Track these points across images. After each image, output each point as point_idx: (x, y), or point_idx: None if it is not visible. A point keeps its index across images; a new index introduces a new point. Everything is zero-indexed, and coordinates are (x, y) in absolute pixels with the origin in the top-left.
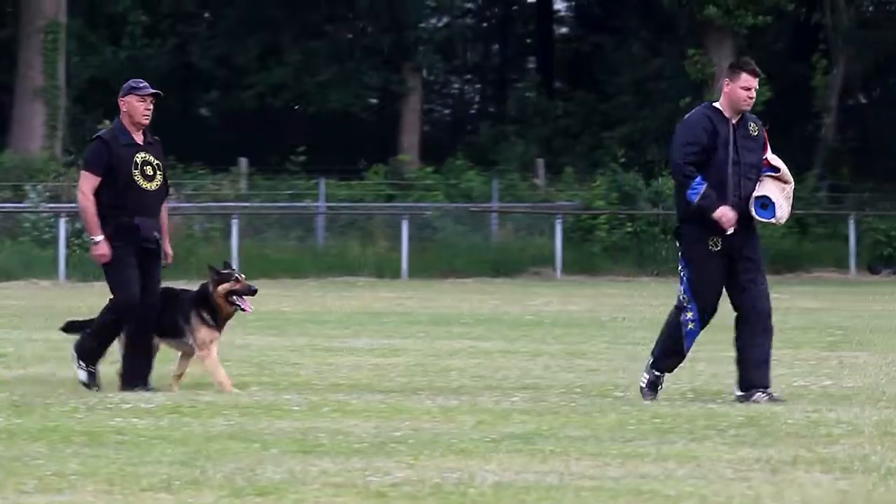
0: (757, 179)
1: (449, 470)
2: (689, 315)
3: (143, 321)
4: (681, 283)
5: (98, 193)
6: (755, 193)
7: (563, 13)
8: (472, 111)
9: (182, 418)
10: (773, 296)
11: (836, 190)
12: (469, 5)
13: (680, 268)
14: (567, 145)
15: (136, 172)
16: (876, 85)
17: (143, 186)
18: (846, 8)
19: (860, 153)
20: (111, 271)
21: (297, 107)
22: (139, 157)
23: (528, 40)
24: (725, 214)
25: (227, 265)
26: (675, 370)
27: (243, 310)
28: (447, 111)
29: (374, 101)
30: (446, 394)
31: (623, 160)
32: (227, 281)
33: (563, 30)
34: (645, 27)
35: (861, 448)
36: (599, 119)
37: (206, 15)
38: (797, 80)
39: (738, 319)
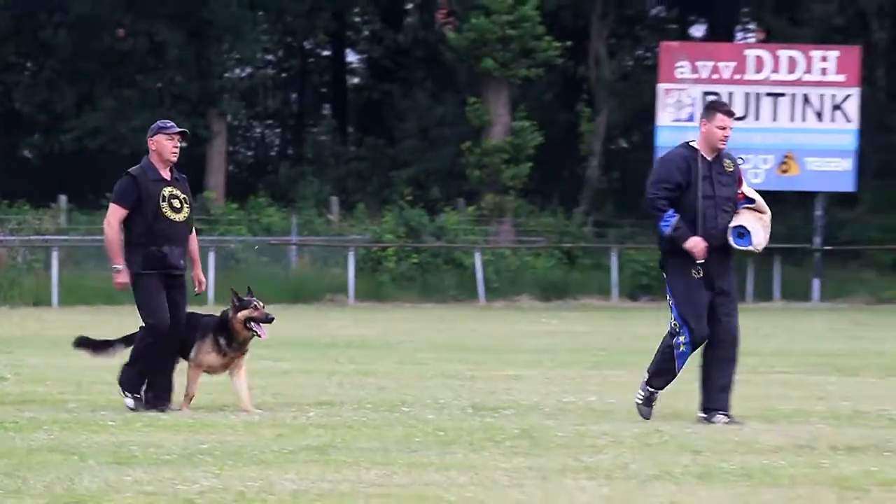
0: (733, 212)
1: (251, 479)
2: (682, 339)
3: (165, 347)
4: (671, 311)
5: (130, 224)
6: (732, 224)
7: (355, 65)
8: (273, 153)
9: (6, 433)
10: (553, 322)
11: (601, 225)
12: (269, 57)
13: (668, 297)
14: (359, 184)
15: (165, 205)
16: (635, 131)
17: (171, 218)
18: (608, 62)
19: (622, 192)
20: (142, 298)
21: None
22: (167, 191)
23: (324, 89)
24: (697, 245)
25: (249, 292)
26: (667, 387)
27: (259, 336)
28: (250, 153)
29: (183, 144)
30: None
31: (409, 198)
32: (247, 308)
33: (356, 80)
34: (429, 78)
35: (622, 457)
36: (388, 161)
37: (29, 65)
38: (566, 126)
39: (707, 346)
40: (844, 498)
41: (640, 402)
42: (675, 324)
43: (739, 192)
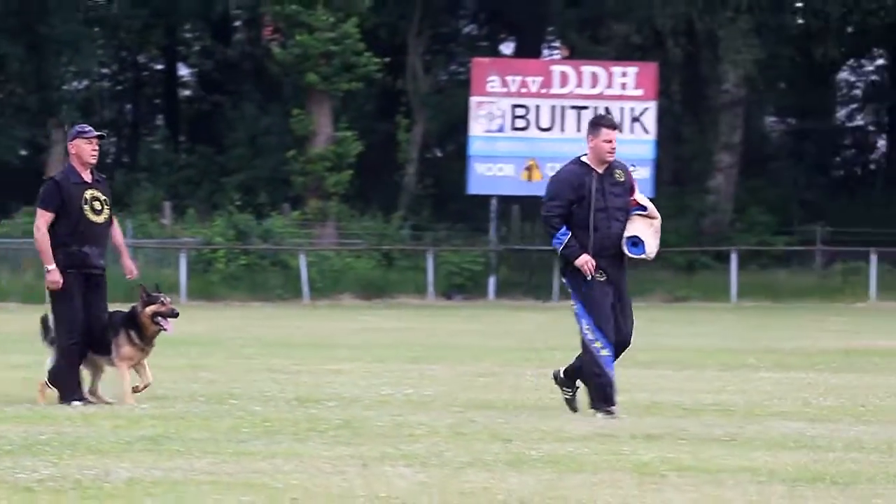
0: (626, 220)
1: (88, 468)
2: (598, 344)
3: (77, 342)
4: (579, 321)
5: (54, 226)
6: (626, 234)
7: (186, 78)
8: (109, 161)
9: None
10: (364, 318)
11: (418, 229)
12: (105, 70)
13: (574, 305)
14: (190, 190)
15: (87, 207)
16: (449, 141)
17: (92, 219)
18: (424, 77)
19: (437, 198)
20: (59, 300)
21: None
22: (88, 193)
23: (157, 101)
24: (587, 263)
25: (157, 288)
26: (613, 396)
27: (165, 330)
28: None
29: (24, 151)
30: (86, 402)
31: (238, 203)
32: (154, 303)
33: (187, 92)
34: (257, 90)
35: (438, 446)
36: (218, 168)
37: None
38: (384, 136)
39: None
40: (643, 483)
41: (603, 416)
42: (587, 329)
43: (632, 199)
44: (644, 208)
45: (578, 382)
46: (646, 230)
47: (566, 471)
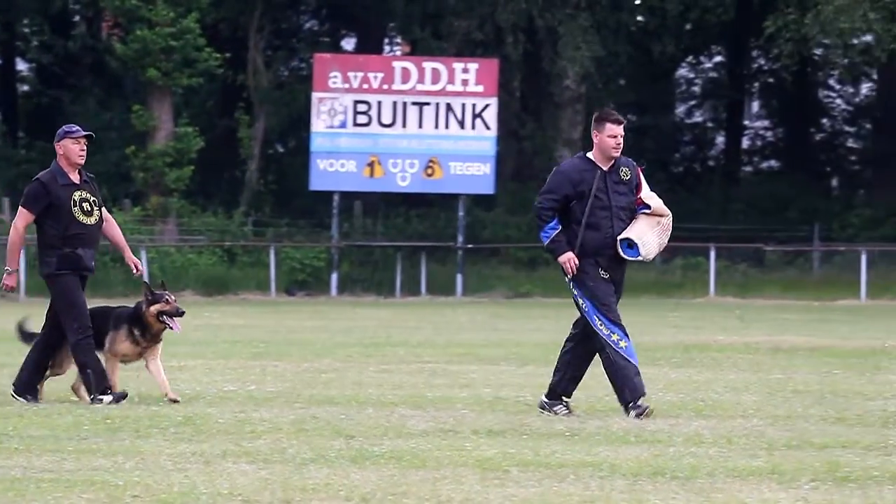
0: (629, 220)
1: None
2: (615, 337)
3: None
4: (590, 318)
5: (44, 228)
6: (621, 236)
7: (25, 73)
8: None
9: None
10: (206, 314)
11: (260, 225)
12: None
13: (581, 304)
14: None
15: (76, 209)
16: (291, 137)
17: (83, 221)
18: (265, 72)
19: (278, 194)
20: (62, 295)
21: None
22: (77, 195)
23: None
24: (570, 261)
25: (163, 285)
26: (643, 385)
27: (172, 328)
28: None
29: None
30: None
31: None
32: (159, 302)
33: (25, 87)
34: (97, 85)
35: (280, 442)
36: None
37: None
38: (226, 131)
39: (575, 337)
40: (486, 478)
41: (636, 415)
42: (601, 326)
43: (638, 197)
44: (649, 207)
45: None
46: (648, 230)
47: (409, 466)
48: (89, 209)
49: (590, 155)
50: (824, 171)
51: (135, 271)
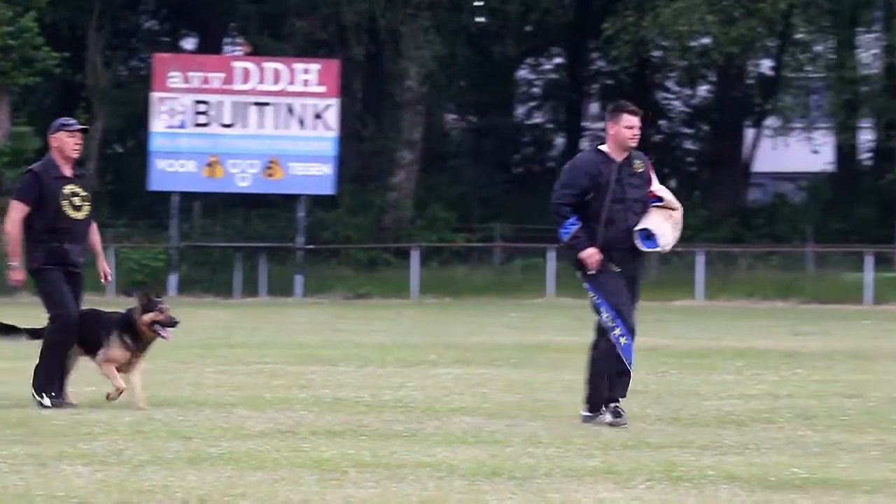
0: (643, 213)
1: None
2: (618, 332)
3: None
4: (597, 309)
5: (31, 221)
6: (638, 226)
7: None
8: None
9: None
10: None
11: (98, 225)
12: None
13: (591, 294)
14: None
15: (66, 203)
16: (130, 137)
17: (72, 216)
18: (104, 72)
19: (117, 194)
20: (47, 292)
21: None
22: (68, 188)
23: None
24: (592, 256)
25: (157, 294)
26: (624, 389)
27: (164, 338)
28: None
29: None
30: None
31: None
32: (153, 310)
33: None
34: None
35: (117, 444)
36: None
37: None
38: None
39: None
40: (324, 479)
41: (611, 420)
42: (607, 317)
43: (650, 190)
44: (662, 199)
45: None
46: (663, 222)
47: (246, 468)
48: (79, 204)
49: (603, 148)
50: (662, 173)
51: (103, 280)
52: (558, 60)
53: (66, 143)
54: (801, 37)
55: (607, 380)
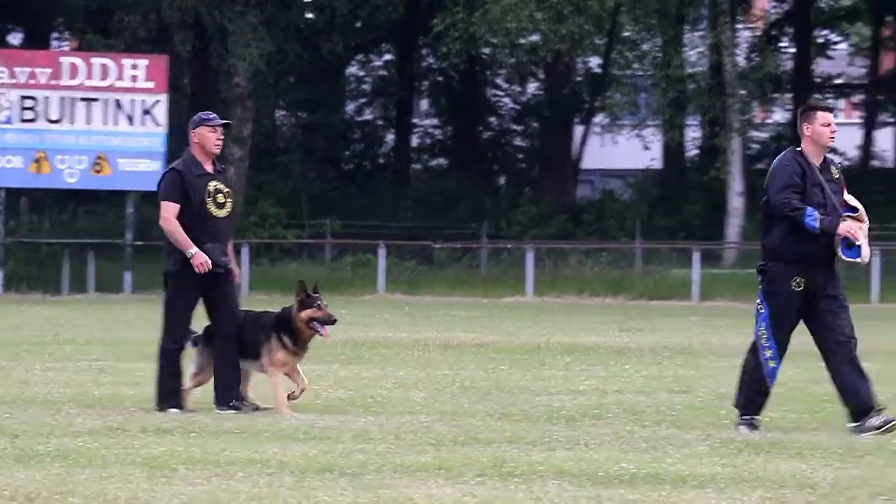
0: (840, 220)
1: None
2: (769, 353)
3: (227, 340)
4: (758, 321)
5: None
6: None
7: None
8: None
9: None
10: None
11: None
12: None
13: (759, 303)
14: None
15: (210, 201)
16: None
17: (215, 214)
18: None
19: None
20: (172, 299)
21: None
22: (212, 185)
23: None
24: (850, 227)
25: (315, 289)
26: (761, 407)
27: (323, 336)
28: None
29: None
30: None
31: None
32: (311, 307)
33: None
34: None
35: None
36: None
37: None
38: None
39: (825, 354)
40: (153, 476)
41: (746, 428)
42: (762, 334)
43: (842, 199)
44: (856, 210)
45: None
46: (860, 233)
47: (75, 465)
48: (222, 201)
49: (802, 150)
50: (492, 170)
51: (235, 280)
52: (388, 57)
53: (208, 138)
54: (629, 35)
55: (747, 393)
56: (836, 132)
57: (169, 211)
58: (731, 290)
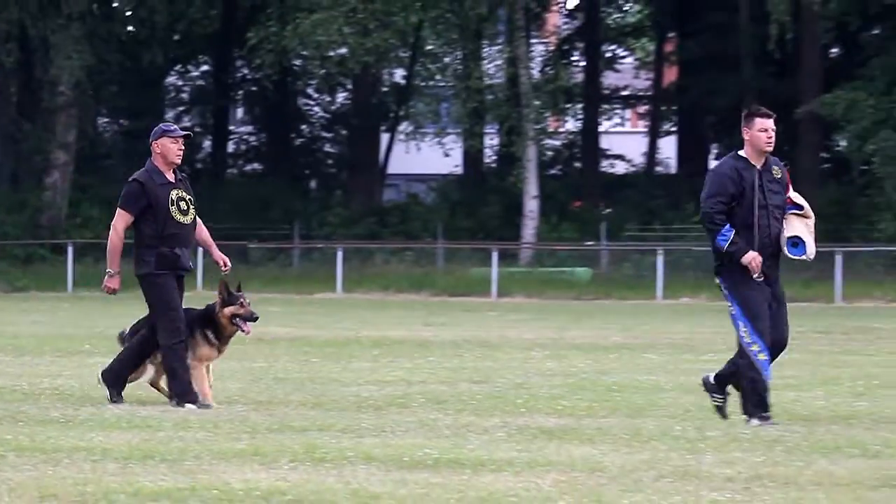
0: (783, 219)
1: None
2: (756, 348)
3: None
4: (735, 323)
5: (141, 227)
6: (787, 234)
7: None
8: None
9: None
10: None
11: None
12: None
13: (729, 306)
14: None
15: (174, 208)
16: None
17: (180, 220)
18: None
19: None
20: (158, 296)
21: None
22: (174, 194)
23: None
24: (754, 259)
25: (239, 287)
26: (767, 402)
27: (244, 332)
28: None
29: None
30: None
31: None
32: (233, 304)
33: None
34: None
35: None
36: None
37: None
38: None
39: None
40: None
41: (759, 423)
42: (745, 332)
43: (787, 197)
44: (801, 207)
45: (730, 388)
46: (804, 230)
47: None
48: (185, 208)
49: (742, 153)
50: (304, 174)
51: (223, 267)
52: (205, 68)
53: (170, 148)
54: (432, 48)
55: (752, 398)
56: (773, 138)
57: (121, 221)
58: (527, 287)
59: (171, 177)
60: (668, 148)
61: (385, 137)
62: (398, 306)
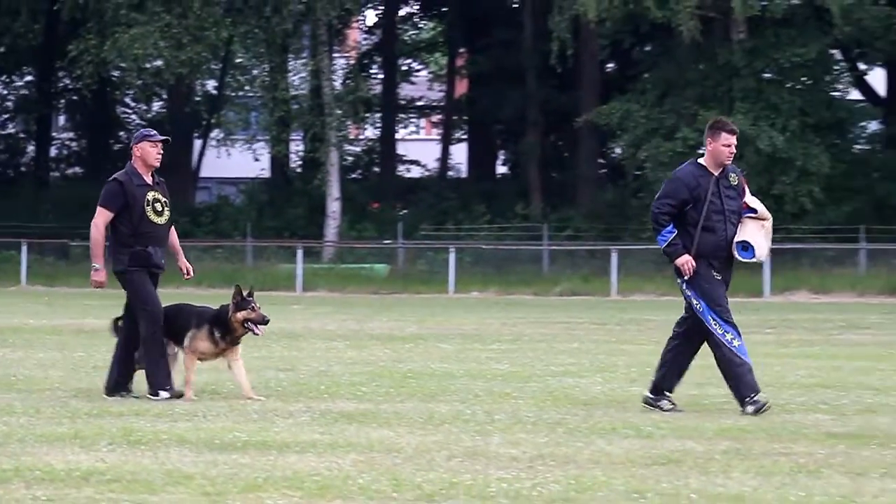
0: (738, 223)
1: None
2: (730, 336)
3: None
4: (704, 318)
5: (117, 226)
6: (736, 238)
7: None
8: None
9: None
10: None
11: None
12: None
13: (696, 303)
14: None
15: (149, 209)
16: None
17: (154, 220)
18: None
19: None
20: (135, 291)
21: None
22: (150, 195)
23: None
24: (687, 263)
25: (251, 292)
26: (756, 382)
27: (256, 334)
28: None
29: None
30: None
31: None
32: (245, 309)
33: None
34: None
35: None
36: None
37: None
38: None
39: (679, 335)
40: None
41: (753, 410)
42: (714, 324)
43: (743, 202)
44: (755, 210)
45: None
46: (757, 233)
47: None
48: (160, 209)
49: (701, 161)
50: None
51: (186, 276)
52: (29, 78)
53: (149, 152)
54: (241, 61)
55: (734, 381)
56: (734, 152)
57: (101, 217)
58: (330, 282)
59: (148, 179)
60: (460, 154)
61: (198, 143)
62: (208, 300)
